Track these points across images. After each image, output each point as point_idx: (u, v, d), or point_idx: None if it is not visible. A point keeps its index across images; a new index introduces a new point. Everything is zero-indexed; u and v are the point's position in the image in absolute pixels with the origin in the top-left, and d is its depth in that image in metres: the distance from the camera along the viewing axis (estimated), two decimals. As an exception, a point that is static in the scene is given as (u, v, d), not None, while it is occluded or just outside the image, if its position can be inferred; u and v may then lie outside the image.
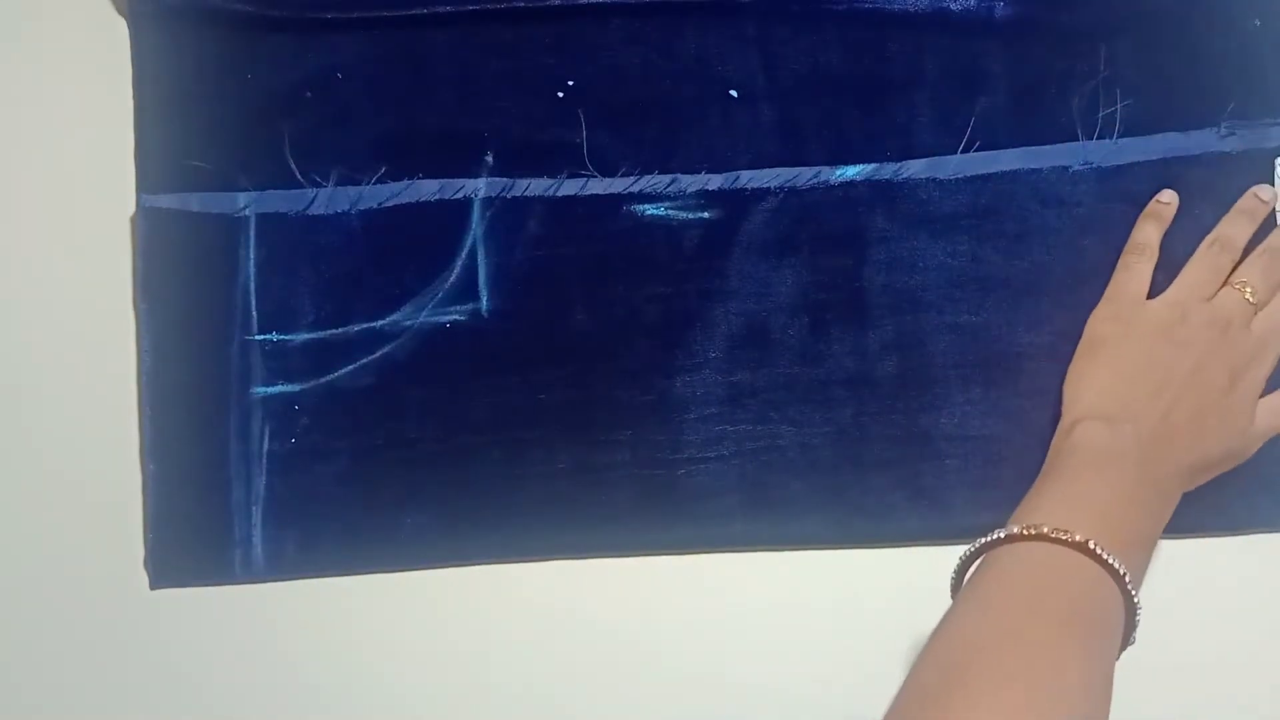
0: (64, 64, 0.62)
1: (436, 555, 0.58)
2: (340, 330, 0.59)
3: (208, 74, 0.60)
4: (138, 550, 0.58)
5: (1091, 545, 0.46)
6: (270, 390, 0.59)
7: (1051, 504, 0.50)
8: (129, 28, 0.61)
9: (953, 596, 0.49)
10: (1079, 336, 0.58)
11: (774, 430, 0.58)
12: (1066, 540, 0.46)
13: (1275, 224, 0.59)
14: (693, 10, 0.60)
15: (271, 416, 0.58)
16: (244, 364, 0.59)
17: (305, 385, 0.59)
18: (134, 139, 0.60)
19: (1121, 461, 0.51)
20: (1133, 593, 0.47)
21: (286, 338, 0.59)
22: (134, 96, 0.60)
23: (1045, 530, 0.47)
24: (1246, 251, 0.58)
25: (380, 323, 0.59)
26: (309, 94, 0.60)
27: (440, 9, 0.60)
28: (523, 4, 0.60)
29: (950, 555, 0.57)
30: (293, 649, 0.57)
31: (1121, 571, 0.46)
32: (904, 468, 0.58)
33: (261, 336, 0.59)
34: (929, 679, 0.44)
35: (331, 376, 0.59)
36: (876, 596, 0.58)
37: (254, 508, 0.58)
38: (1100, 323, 0.57)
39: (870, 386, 0.59)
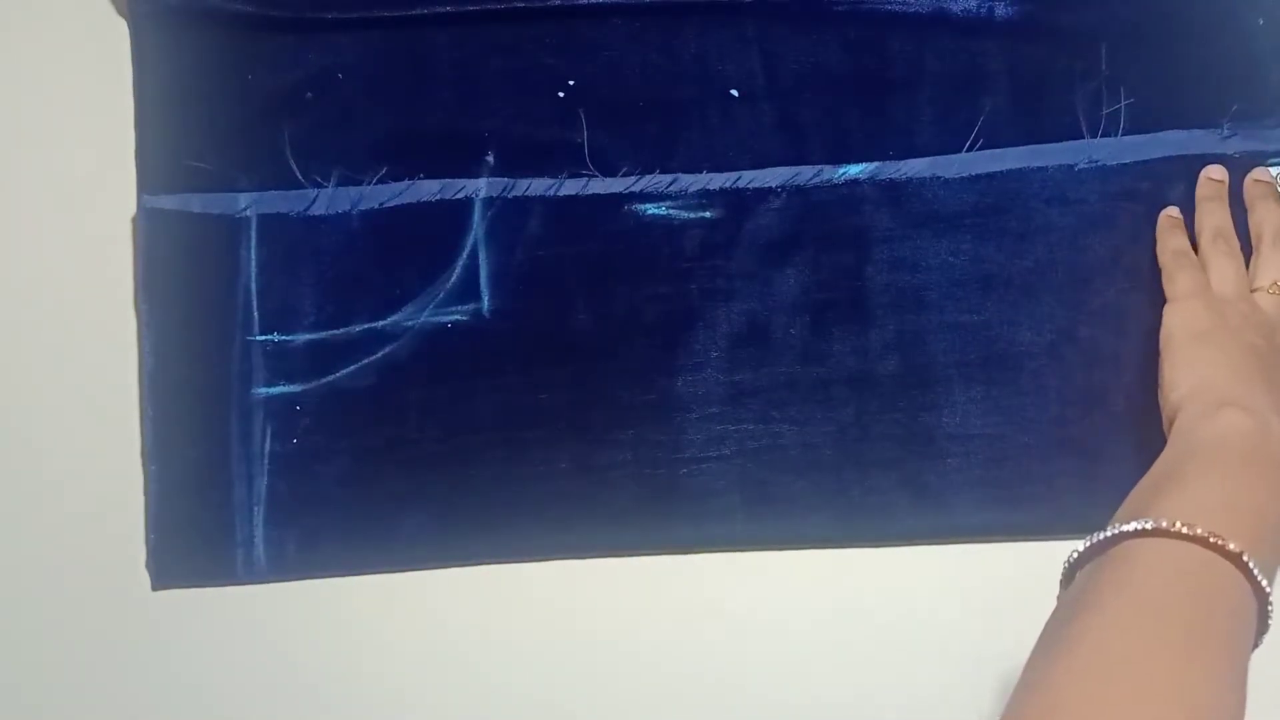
0: (64, 64, 0.62)
1: (436, 555, 0.58)
2: (342, 331, 0.59)
3: (208, 74, 0.60)
4: (139, 551, 0.58)
5: (1245, 559, 0.43)
6: (272, 391, 0.59)
7: (1204, 501, 0.46)
8: (129, 28, 0.61)
9: (1068, 579, 0.46)
10: (1080, 335, 0.58)
11: (776, 429, 0.58)
12: (1220, 547, 0.43)
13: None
14: (693, 10, 0.60)
15: (273, 417, 0.58)
16: (245, 365, 0.59)
17: (307, 386, 0.59)
18: (134, 139, 0.60)
19: (1272, 463, 0.48)
20: (1269, 610, 0.44)
21: (288, 338, 0.59)
22: (134, 96, 0.60)
23: (1200, 532, 0.43)
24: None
25: (381, 323, 0.59)
26: (309, 94, 0.60)
27: (440, 9, 0.60)
28: (523, 4, 0.60)
29: (951, 555, 0.57)
30: (294, 649, 0.58)
31: (1267, 590, 0.43)
32: (906, 467, 0.58)
33: (263, 337, 0.59)
34: (1065, 687, 0.41)
35: (333, 377, 0.59)
36: (878, 596, 0.57)
37: (255, 508, 0.58)
38: (1191, 315, 0.54)
39: (872, 385, 0.58)
